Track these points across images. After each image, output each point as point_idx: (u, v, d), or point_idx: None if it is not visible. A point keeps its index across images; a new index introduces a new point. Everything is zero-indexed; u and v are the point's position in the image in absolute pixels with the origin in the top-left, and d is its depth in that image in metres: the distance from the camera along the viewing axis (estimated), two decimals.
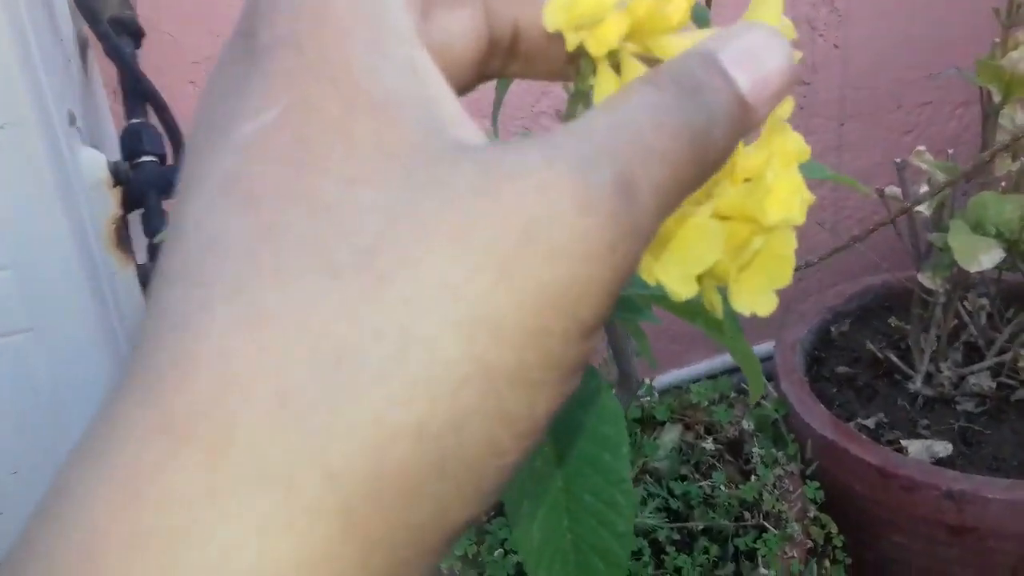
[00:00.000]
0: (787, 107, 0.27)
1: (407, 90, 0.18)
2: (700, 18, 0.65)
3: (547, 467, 0.42)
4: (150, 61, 0.88)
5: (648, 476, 1.06)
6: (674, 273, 0.26)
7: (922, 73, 1.35)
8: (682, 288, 0.26)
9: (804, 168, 0.43)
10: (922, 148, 0.98)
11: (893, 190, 1.00)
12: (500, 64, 0.24)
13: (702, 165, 0.20)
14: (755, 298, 0.28)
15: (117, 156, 0.75)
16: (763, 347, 1.29)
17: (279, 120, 0.17)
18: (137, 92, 0.81)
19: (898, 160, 0.97)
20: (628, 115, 0.18)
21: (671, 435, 1.11)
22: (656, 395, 1.16)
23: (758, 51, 0.21)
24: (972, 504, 0.90)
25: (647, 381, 1.21)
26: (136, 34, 0.88)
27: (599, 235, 0.17)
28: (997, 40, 0.91)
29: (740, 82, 0.20)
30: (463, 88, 0.24)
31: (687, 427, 1.13)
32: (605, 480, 0.43)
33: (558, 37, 0.24)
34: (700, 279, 0.27)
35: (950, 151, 1.02)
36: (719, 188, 0.28)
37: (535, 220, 0.16)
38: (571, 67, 0.26)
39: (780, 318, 1.19)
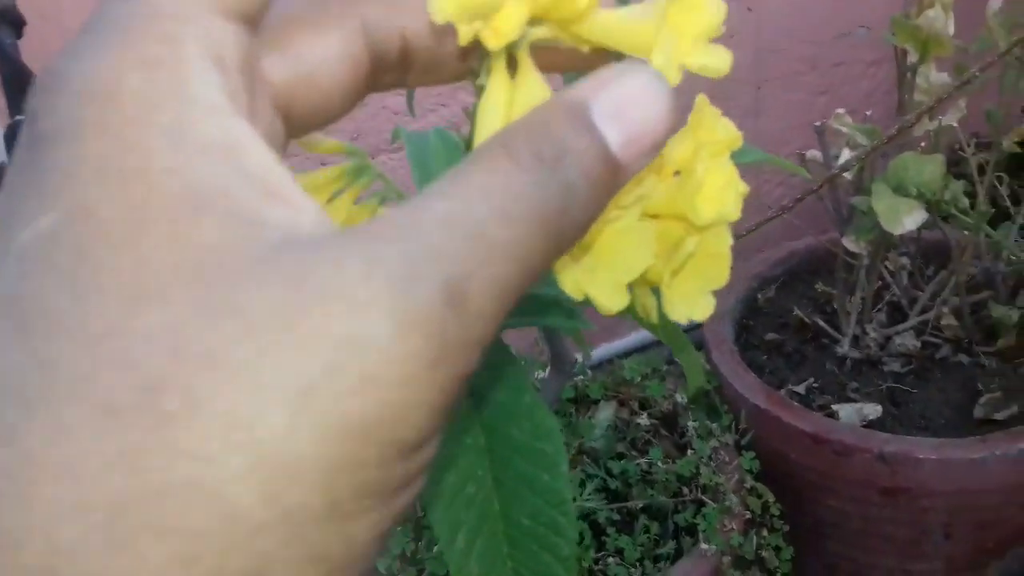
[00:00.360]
0: (736, 139, 0.25)
1: (213, 180, 0.16)
2: None
3: (481, 491, 0.40)
4: (34, 52, 0.81)
5: (585, 457, 1.04)
6: (603, 283, 0.24)
7: (834, 33, 1.35)
8: (613, 300, 0.24)
9: (734, 153, 0.39)
10: (841, 111, 0.97)
11: (814, 154, 0.99)
12: (393, 77, 0.23)
13: (556, 250, 0.18)
14: (691, 303, 0.26)
15: (3, 156, 0.69)
16: None
17: (57, 229, 0.16)
18: (20, 86, 0.75)
19: (817, 123, 0.96)
20: (469, 204, 0.17)
21: (606, 413, 1.09)
22: (589, 372, 1.14)
23: (637, 101, 0.19)
24: (904, 465, 0.91)
25: (579, 359, 1.19)
26: (17, 23, 0.81)
27: (419, 356, 0.16)
28: None
29: (611, 140, 0.18)
30: (342, 111, 0.22)
31: (621, 403, 1.12)
32: (545, 502, 0.40)
33: (452, 36, 0.21)
34: (631, 286, 0.25)
35: (868, 112, 1.02)
36: (645, 185, 0.26)
37: (344, 346, 0.15)
38: (472, 65, 0.23)
39: None
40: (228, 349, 0.15)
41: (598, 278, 0.24)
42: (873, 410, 0.99)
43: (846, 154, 0.92)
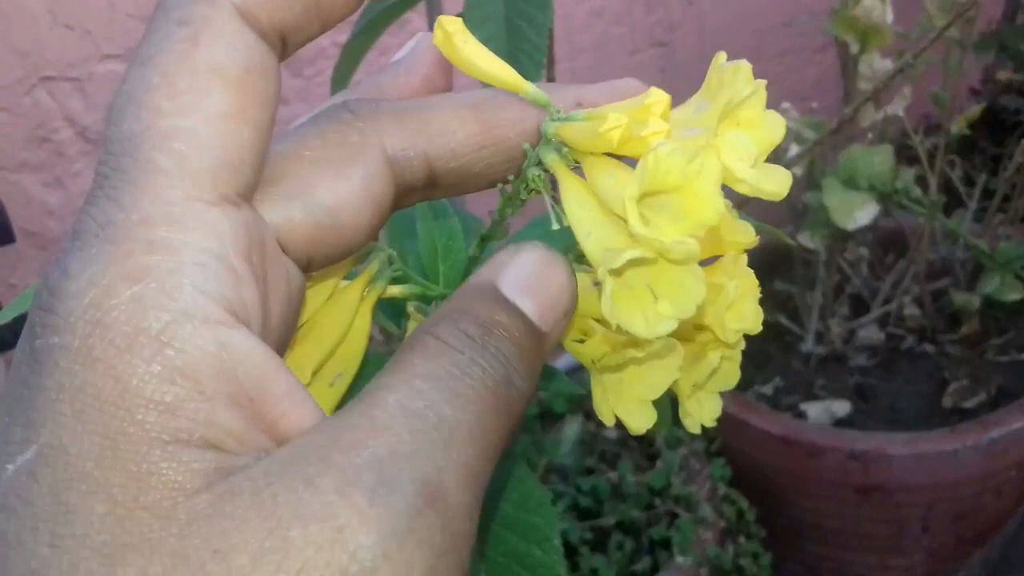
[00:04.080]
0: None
1: (193, 408, 0.16)
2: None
3: (471, 571, 0.37)
4: None
5: (554, 475, 1.02)
6: (631, 403, 0.24)
7: (777, 22, 1.34)
8: (642, 421, 0.24)
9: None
10: (787, 105, 0.95)
11: None
12: (420, 196, 0.23)
13: (508, 423, 0.18)
14: (701, 408, 0.26)
15: None
16: None
17: (35, 464, 0.15)
18: None
19: None
20: (420, 391, 0.17)
21: (572, 428, 1.07)
22: (550, 386, 1.11)
23: (539, 273, 0.20)
24: (876, 462, 0.89)
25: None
26: None
27: (413, 568, 0.16)
28: None
29: (527, 310, 0.19)
30: (366, 241, 0.22)
31: (587, 417, 1.09)
32: None
33: (485, 150, 0.22)
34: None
35: (814, 104, 1.00)
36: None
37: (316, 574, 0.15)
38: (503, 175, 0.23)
39: None
40: None
41: (625, 397, 0.24)
42: (842, 407, 0.98)
43: (794, 149, 0.90)
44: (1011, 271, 0.86)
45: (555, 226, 0.22)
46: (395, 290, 0.31)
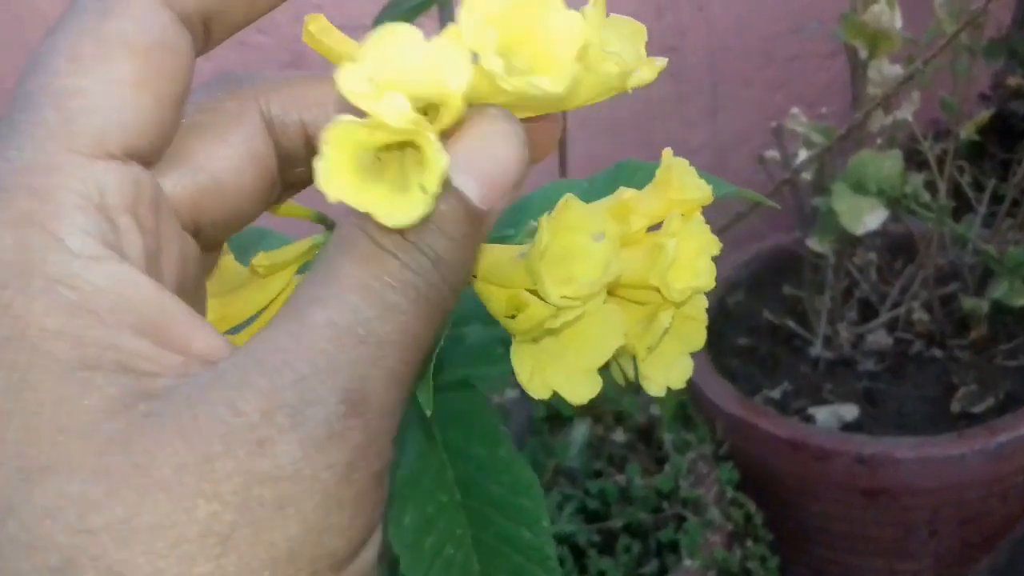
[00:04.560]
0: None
1: (99, 336, 0.16)
2: None
3: (461, 552, 0.38)
4: None
5: (562, 478, 1.02)
6: (573, 373, 0.23)
7: (786, 28, 1.34)
8: (583, 391, 0.24)
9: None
10: (796, 111, 0.96)
11: (772, 154, 0.98)
12: (305, 172, 0.22)
13: (439, 319, 0.19)
14: (668, 368, 0.25)
15: None
16: None
17: None
18: None
19: (774, 124, 0.95)
20: (348, 306, 0.17)
21: (580, 431, 1.08)
22: None
23: (488, 144, 0.19)
24: (883, 466, 0.90)
25: None
26: None
27: (331, 470, 0.16)
28: None
29: (470, 191, 0.19)
30: (256, 212, 0.22)
31: (596, 419, 1.10)
32: (527, 559, 0.38)
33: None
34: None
35: (823, 110, 1.00)
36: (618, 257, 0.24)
37: (254, 484, 0.16)
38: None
39: None
40: (137, 514, 0.15)
41: (566, 367, 0.24)
42: (850, 411, 0.98)
43: (803, 153, 0.90)
44: (1020, 276, 0.86)
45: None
46: None
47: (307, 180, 0.23)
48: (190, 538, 0.15)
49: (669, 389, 0.39)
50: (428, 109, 0.19)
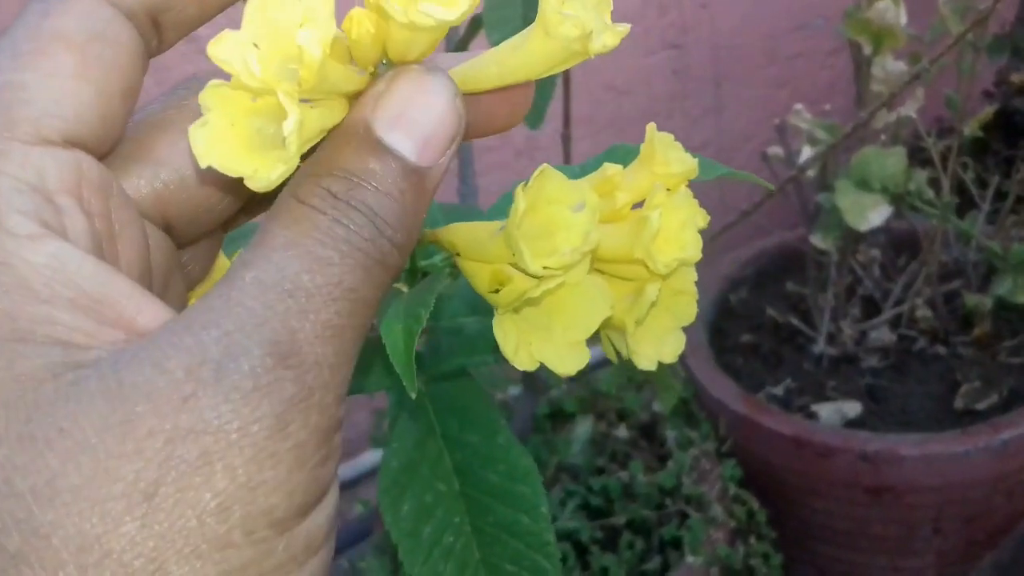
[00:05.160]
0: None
1: (34, 309, 0.16)
2: None
3: (460, 540, 0.38)
4: None
5: (564, 474, 1.02)
6: (559, 345, 0.23)
7: (790, 25, 1.34)
8: (571, 362, 0.23)
9: (700, 169, 0.37)
10: (800, 107, 0.95)
11: (776, 151, 0.98)
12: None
13: (383, 273, 0.18)
14: (660, 343, 0.25)
15: None
16: None
17: None
18: None
19: (777, 121, 0.95)
20: (275, 263, 0.17)
21: (583, 427, 1.08)
22: (564, 386, 1.12)
23: (416, 100, 0.19)
24: (887, 463, 0.89)
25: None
26: None
27: (260, 422, 0.16)
28: None
29: (404, 149, 0.19)
30: (230, 206, 0.22)
31: (598, 417, 1.10)
32: (526, 546, 0.38)
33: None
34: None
35: (827, 107, 1.00)
36: (599, 228, 0.24)
37: (178, 439, 0.15)
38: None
39: None
40: (62, 475, 0.15)
41: (554, 340, 0.23)
42: (853, 408, 0.98)
43: (807, 150, 0.90)
44: (1023, 272, 0.86)
45: None
46: None
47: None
48: (114, 496, 0.15)
49: (674, 384, 0.39)
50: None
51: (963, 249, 1.00)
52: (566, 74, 0.73)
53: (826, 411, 0.98)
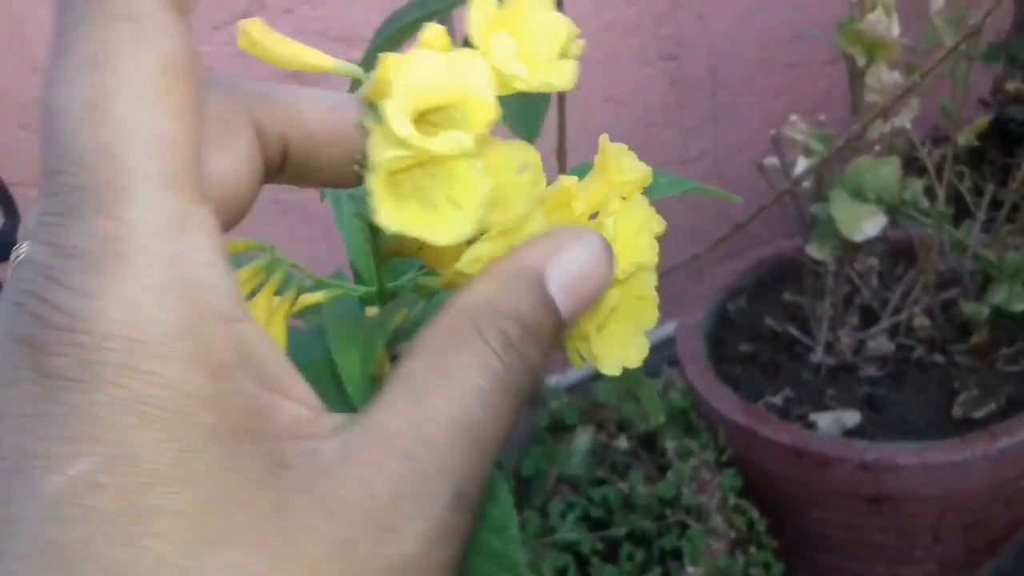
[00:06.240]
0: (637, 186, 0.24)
1: (243, 402, 0.17)
2: None
3: None
4: None
5: (565, 486, 1.03)
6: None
7: (786, 35, 1.34)
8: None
9: (665, 184, 0.38)
10: (795, 118, 0.96)
11: (772, 161, 0.98)
12: (270, 178, 0.23)
13: (520, 416, 0.20)
14: (623, 348, 0.25)
15: None
16: (666, 330, 1.27)
17: (98, 474, 0.16)
18: None
19: (772, 132, 0.95)
20: (466, 406, 0.18)
21: (583, 438, 1.08)
22: (564, 397, 1.12)
23: (588, 273, 0.20)
24: (886, 473, 0.90)
25: (552, 384, 1.18)
26: None
27: (442, 565, 0.18)
28: (854, 1, 0.90)
29: (564, 308, 0.20)
30: (247, 213, 0.22)
31: (598, 427, 1.10)
32: (497, 566, 0.38)
33: (332, 147, 0.22)
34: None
35: (821, 117, 1.01)
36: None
37: (389, 569, 0.17)
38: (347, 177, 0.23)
39: (678, 298, 1.17)
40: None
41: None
42: (852, 417, 0.98)
43: (801, 161, 0.90)
44: (1019, 281, 0.86)
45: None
46: (315, 297, 0.31)
47: (266, 183, 0.23)
48: None
49: (656, 398, 0.39)
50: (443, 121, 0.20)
51: (959, 258, 1.00)
52: None
53: (825, 420, 0.98)
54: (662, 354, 1.16)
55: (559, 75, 0.20)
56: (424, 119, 0.20)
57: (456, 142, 0.19)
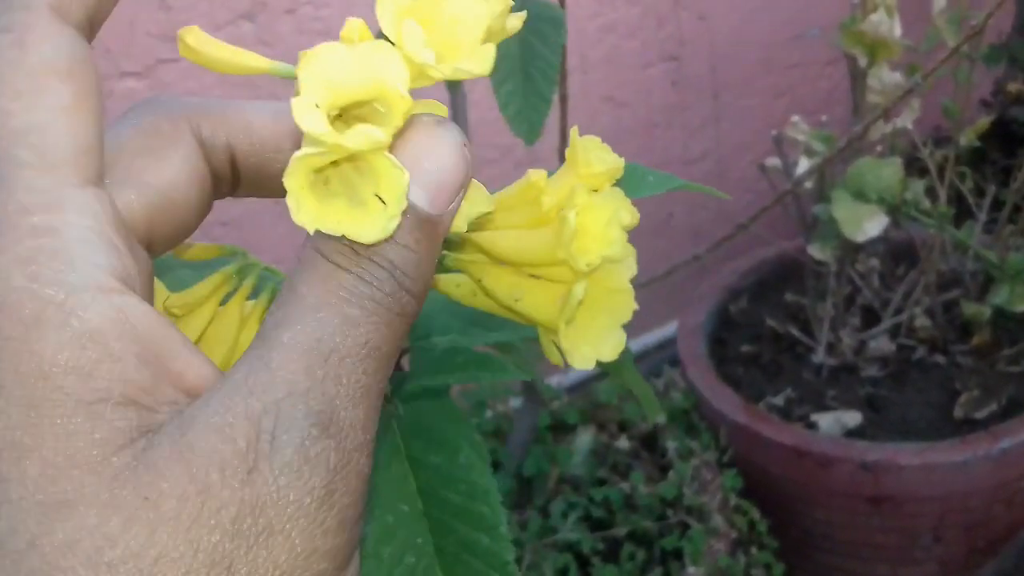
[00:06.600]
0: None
1: (108, 369, 0.17)
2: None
3: (423, 561, 0.38)
4: None
5: (566, 485, 1.03)
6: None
7: (787, 35, 1.34)
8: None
9: (653, 182, 0.37)
10: (796, 118, 0.96)
11: (774, 162, 0.98)
12: (228, 188, 0.24)
13: (402, 326, 0.19)
14: (597, 343, 0.25)
15: None
16: (667, 330, 1.27)
17: None
18: None
19: (774, 132, 0.95)
20: (309, 324, 0.18)
21: (584, 439, 1.08)
22: (565, 397, 1.12)
23: (427, 150, 0.20)
24: (887, 473, 0.90)
25: (553, 385, 1.18)
26: None
27: (311, 494, 0.17)
28: (856, 1, 0.90)
29: (418, 199, 0.19)
30: (196, 224, 0.22)
31: (600, 427, 1.10)
32: (487, 565, 0.39)
33: (278, 157, 0.22)
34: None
35: (823, 118, 1.01)
36: (529, 234, 0.24)
37: (247, 512, 0.17)
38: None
39: (680, 298, 1.17)
40: (150, 546, 0.16)
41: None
42: (853, 418, 0.98)
43: (803, 162, 0.91)
44: (1021, 282, 0.86)
45: None
46: None
47: (226, 195, 0.24)
48: (197, 568, 0.16)
49: (675, 400, 0.39)
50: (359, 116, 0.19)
51: (961, 258, 1.00)
52: (563, 87, 0.73)
53: (826, 421, 0.98)
54: (664, 354, 1.16)
55: (476, 61, 0.20)
56: (348, 115, 0.19)
57: (368, 136, 0.18)
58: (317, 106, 0.18)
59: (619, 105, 1.24)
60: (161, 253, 0.22)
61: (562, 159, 0.78)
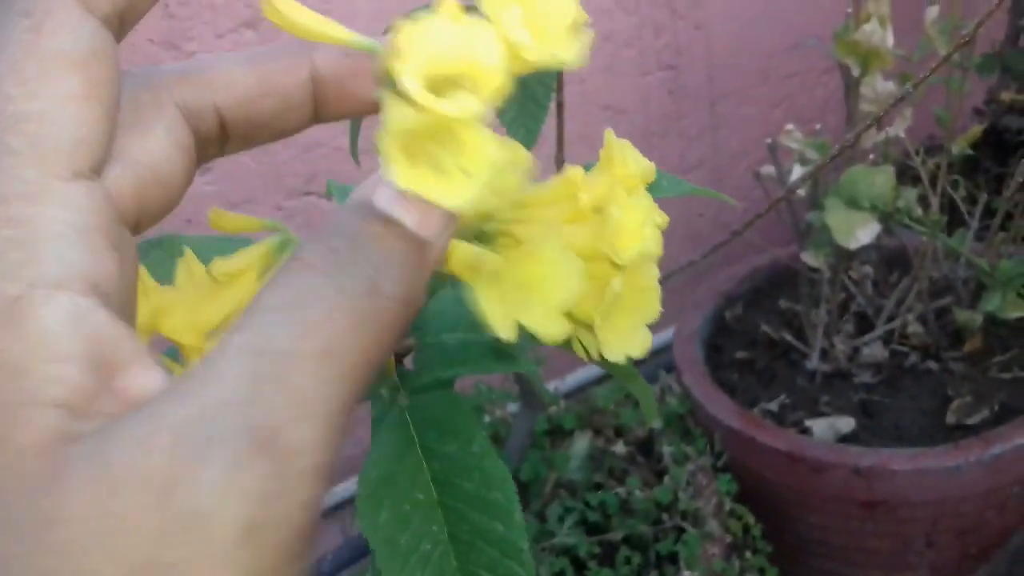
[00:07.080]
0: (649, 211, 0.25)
1: (45, 370, 0.16)
2: None
3: (438, 548, 0.39)
4: None
5: (563, 490, 1.03)
6: (539, 314, 0.24)
7: (784, 45, 1.36)
8: (552, 328, 0.24)
9: (665, 186, 0.39)
10: (791, 127, 0.97)
11: (768, 170, 0.99)
12: (216, 149, 0.23)
13: (381, 341, 0.18)
14: (627, 339, 0.26)
15: None
16: (663, 336, 1.27)
17: None
18: None
19: (769, 140, 0.96)
20: (262, 327, 0.17)
21: (581, 444, 1.09)
22: (562, 403, 1.13)
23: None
24: (880, 478, 0.90)
25: (551, 390, 1.18)
26: None
27: (235, 522, 0.15)
28: (850, 11, 0.91)
29: (405, 219, 0.19)
30: (182, 194, 0.22)
31: (596, 432, 1.11)
32: (501, 553, 0.39)
33: (269, 97, 0.22)
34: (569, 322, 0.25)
35: (817, 126, 1.02)
36: (565, 228, 0.25)
37: (165, 537, 0.15)
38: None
39: (676, 304, 1.18)
40: (55, 567, 0.15)
41: (533, 310, 0.24)
42: (846, 423, 0.99)
43: (797, 169, 0.92)
44: (1012, 289, 0.87)
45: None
46: None
47: (215, 156, 0.23)
48: None
49: (671, 405, 0.40)
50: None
51: (953, 266, 1.01)
52: (559, 95, 0.74)
53: (820, 426, 0.99)
54: (659, 360, 1.16)
55: (568, 49, 0.20)
56: (435, 90, 0.20)
57: (466, 105, 0.19)
58: (417, 74, 0.19)
59: (616, 113, 1.25)
60: (146, 229, 0.22)
61: (559, 166, 0.78)
